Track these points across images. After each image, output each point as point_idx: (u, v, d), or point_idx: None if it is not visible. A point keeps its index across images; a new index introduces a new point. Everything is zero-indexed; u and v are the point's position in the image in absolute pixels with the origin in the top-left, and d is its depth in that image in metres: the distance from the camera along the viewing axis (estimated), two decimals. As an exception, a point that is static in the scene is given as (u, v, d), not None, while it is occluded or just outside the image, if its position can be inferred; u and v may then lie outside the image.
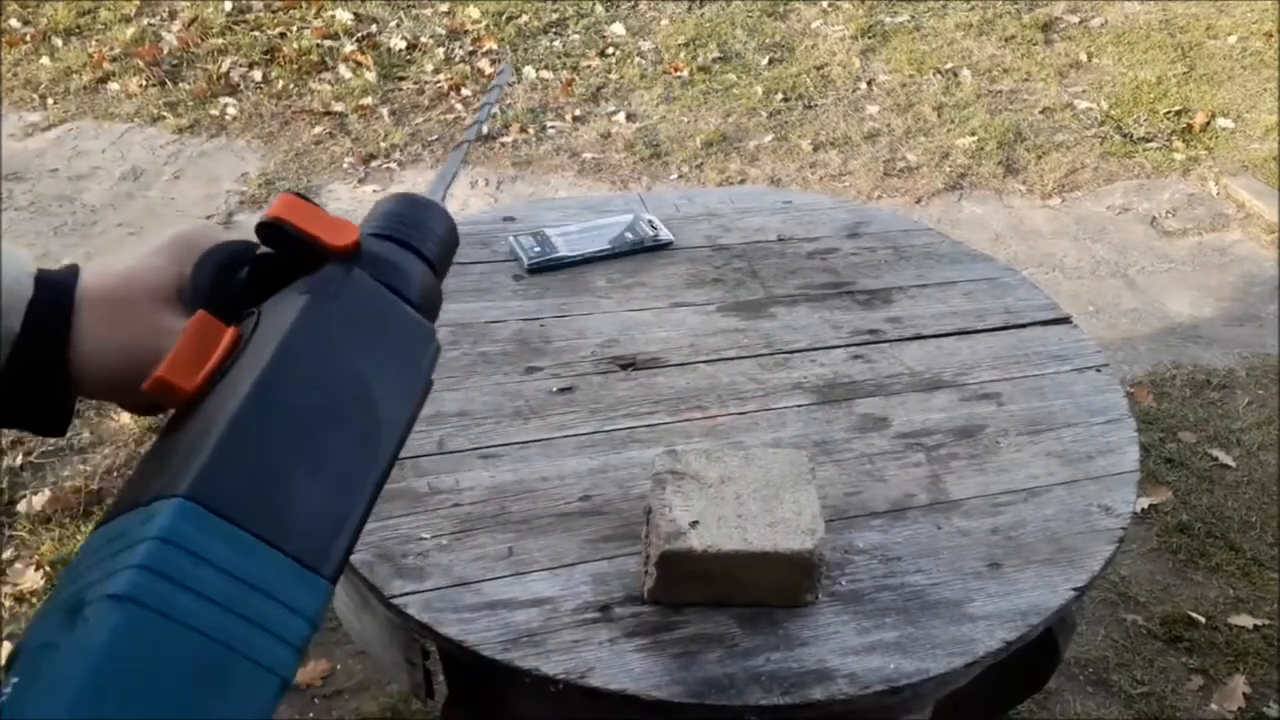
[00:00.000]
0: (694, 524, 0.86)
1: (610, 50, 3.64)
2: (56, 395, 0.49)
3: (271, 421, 0.41)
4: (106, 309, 0.49)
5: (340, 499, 0.42)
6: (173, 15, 3.69)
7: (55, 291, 0.48)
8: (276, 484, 0.40)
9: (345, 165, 3.02)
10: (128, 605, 0.34)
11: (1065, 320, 1.31)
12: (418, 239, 0.52)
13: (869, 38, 3.77)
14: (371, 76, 3.39)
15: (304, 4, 3.76)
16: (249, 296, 0.49)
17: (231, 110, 3.24)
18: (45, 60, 3.43)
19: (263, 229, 0.48)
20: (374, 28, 3.67)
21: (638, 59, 3.59)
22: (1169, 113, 3.42)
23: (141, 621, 0.34)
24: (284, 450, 0.41)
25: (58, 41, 3.52)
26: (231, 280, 0.51)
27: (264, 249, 0.50)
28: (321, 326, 0.45)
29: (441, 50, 3.57)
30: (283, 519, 0.39)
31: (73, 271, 0.50)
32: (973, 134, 3.26)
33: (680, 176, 3.04)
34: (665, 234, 1.39)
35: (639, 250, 1.37)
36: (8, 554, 1.81)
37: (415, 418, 0.48)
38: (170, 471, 0.39)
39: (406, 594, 0.88)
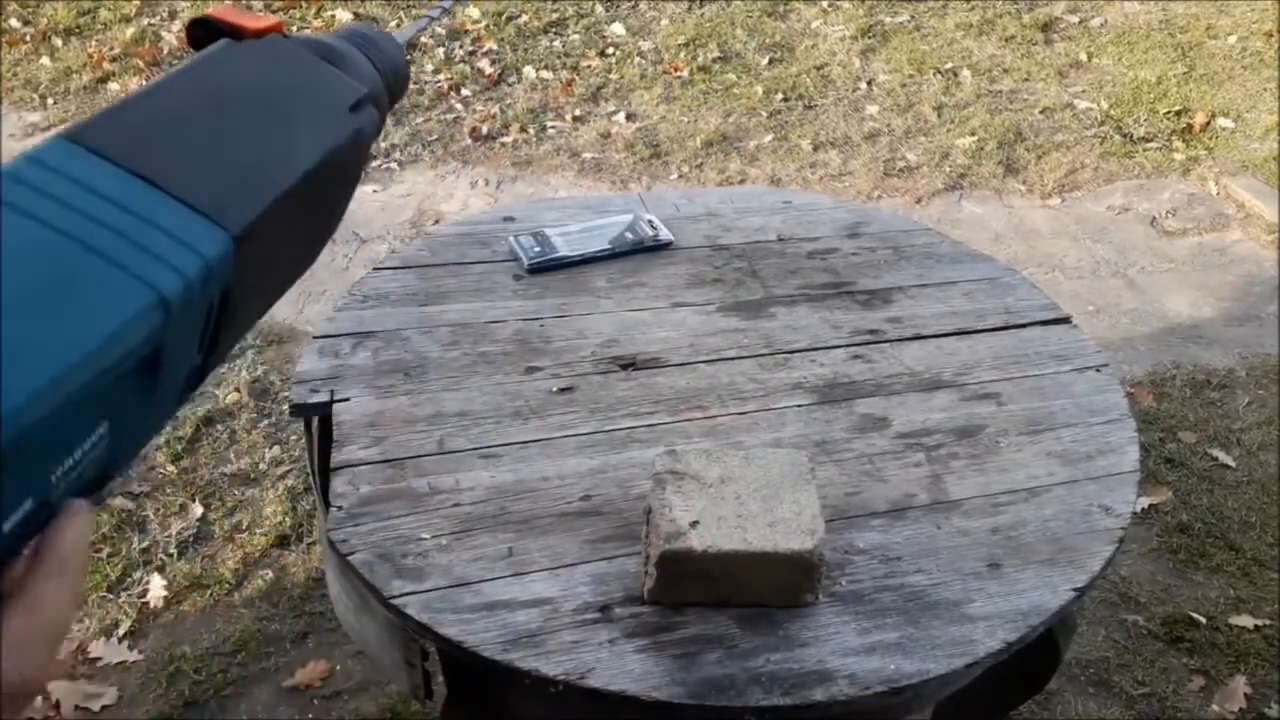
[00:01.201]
0: (694, 524, 0.86)
1: (610, 50, 3.64)
2: None
3: (180, 96, 0.41)
4: None
5: (247, 173, 0.41)
6: (173, 15, 3.69)
7: None
8: (177, 141, 0.39)
9: (345, 165, 3.02)
10: (5, 210, 0.33)
11: (1065, 320, 1.31)
12: (361, 41, 0.53)
13: (869, 38, 3.77)
14: (371, 76, 3.39)
15: (304, 4, 3.75)
16: None
17: (231, 110, 3.24)
18: (45, 60, 3.43)
19: (191, 27, 0.48)
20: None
21: (638, 59, 3.59)
22: (1169, 113, 3.42)
23: (19, 228, 0.32)
24: (191, 120, 0.41)
25: (58, 41, 3.52)
26: None
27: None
28: (241, 56, 0.46)
29: (441, 50, 3.57)
30: (176, 168, 0.38)
31: None
32: (973, 134, 3.26)
33: (680, 176, 3.04)
34: (665, 234, 1.39)
35: (639, 250, 1.37)
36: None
37: (349, 163, 0.48)
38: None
39: (406, 594, 0.88)
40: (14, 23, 3.60)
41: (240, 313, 0.42)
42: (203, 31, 0.48)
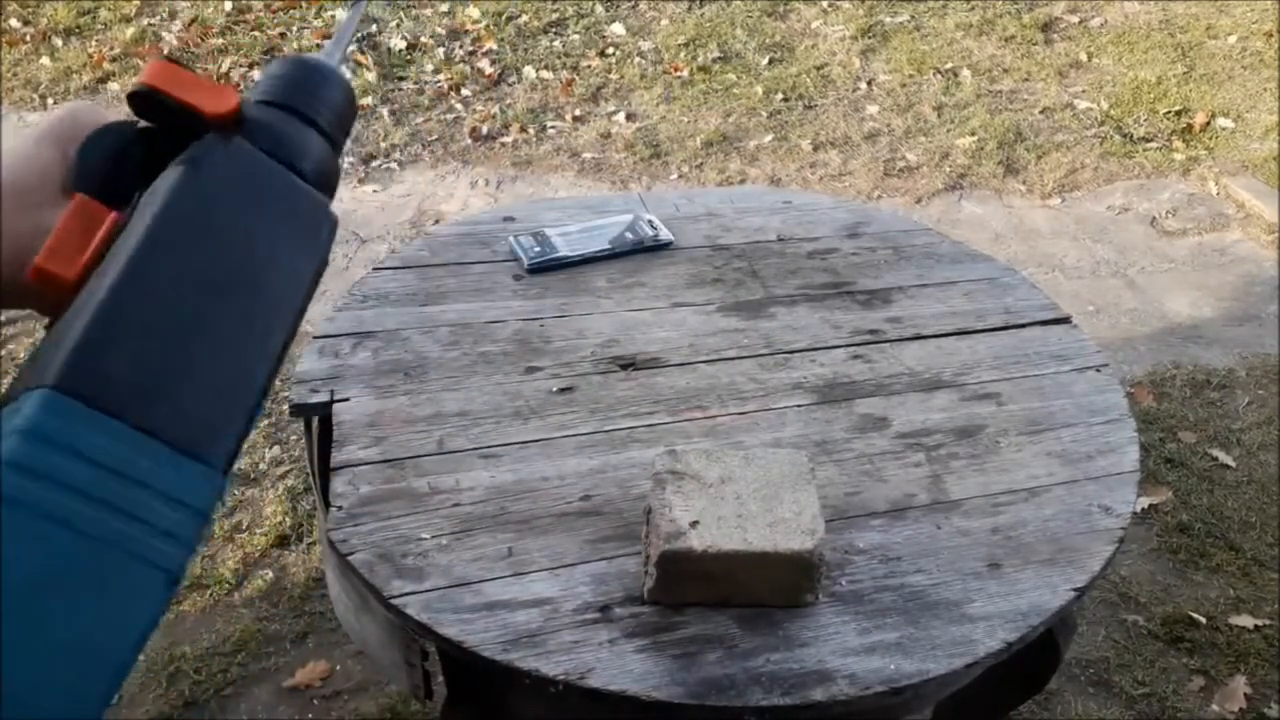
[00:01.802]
0: (694, 524, 0.86)
1: (610, 50, 3.64)
2: None
3: (146, 300, 0.39)
4: None
5: (228, 381, 0.40)
6: (173, 15, 3.69)
7: None
8: (154, 367, 0.38)
9: (345, 165, 3.02)
10: (5, 506, 0.33)
11: (1065, 320, 1.31)
12: (309, 105, 0.47)
13: (869, 38, 3.77)
14: (371, 76, 3.39)
15: (304, 4, 3.75)
16: (141, 181, 0.45)
17: (231, 110, 3.24)
18: (45, 60, 3.43)
19: (135, 99, 0.44)
20: (374, 28, 3.67)
21: (638, 59, 3.59)
22: (1169, 113, 3.42)
23: (19, 522, 0.33)
24: (162, 331, 0.38)
25: (58, 41, 3.52)
26: (122, 167, 0.47)
27: (143, 123, 0.46)
28: (199, 198, 0.42)
29: (441, 50, 3.57)
30: (163, 405, 0.37)
31: None
32: (973, 134, 3.26)
33: (680, 176, 3.04)
34: (665, 234, 1.39)
35: (639, 250, 1.37)
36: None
37: (310, 296, 0.45)
38: (42, 362, 0.37)
39: (406, 594, 0.88)
40: (14, 23, 3.60)
41: None
42: (148, 105, 0.44)
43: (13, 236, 0.44)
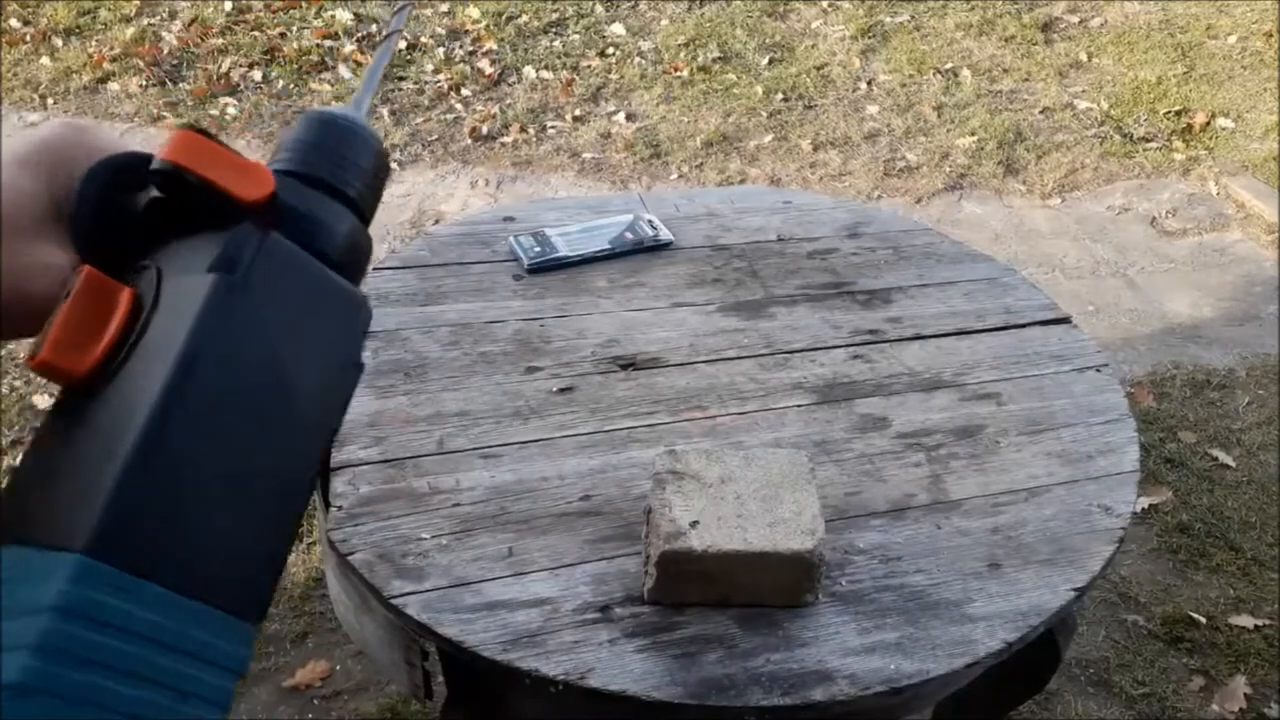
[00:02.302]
0: (694, 524, 0.86)
1: (610, 50, 3.64)
2: None
3: (180, 446, 0.35)
4: None
5: (264, 526, 0.37)
6: (173, 15, 3.69)
7: None
8: (188, 522, 0.35)
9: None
10: (30, 694, 0.30)
11: (1065, 320, 1.31)
12: (341, 177, 0.43)
13: (869, 38, 3.77)
14: (371, 76, 3.39)
15: (304, 4, 3.75)
16: (143, 229, 0.41)
17: (231, 110, 3.24)
18: (45, 60, 3.43)
19: (157, 177, 0.39)
20: (374, 28, 3.67)
21: (638, 59, 3.59)
22: (1169, 113, 3.42)
23: (43, 707, 0.30)
24: (196, 480, 0.35)
25: (58, 41, 3.52)
26: (122, 207, 0.42)
27: (155, 161, 0.41)
28: (233, 315, 0.37)
29: (441, 50, 3.57)
30: (198, 562, 0.34)
31: None
32: (973, 134, 3.26)
33: (680, 176, 3.04)
34: (665, 234, 1.39)
35: (639, 250, 1.37)
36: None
37: (346, 407, 0.42)
38: (66, 504, 0.34)
39: (406, 594, 0.88)
40: (14, 23, 3.60)
41: None
42: (172, 182, 0.39)
43: None
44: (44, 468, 0.37)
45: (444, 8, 3.81)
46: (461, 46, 3.62)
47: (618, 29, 3.75)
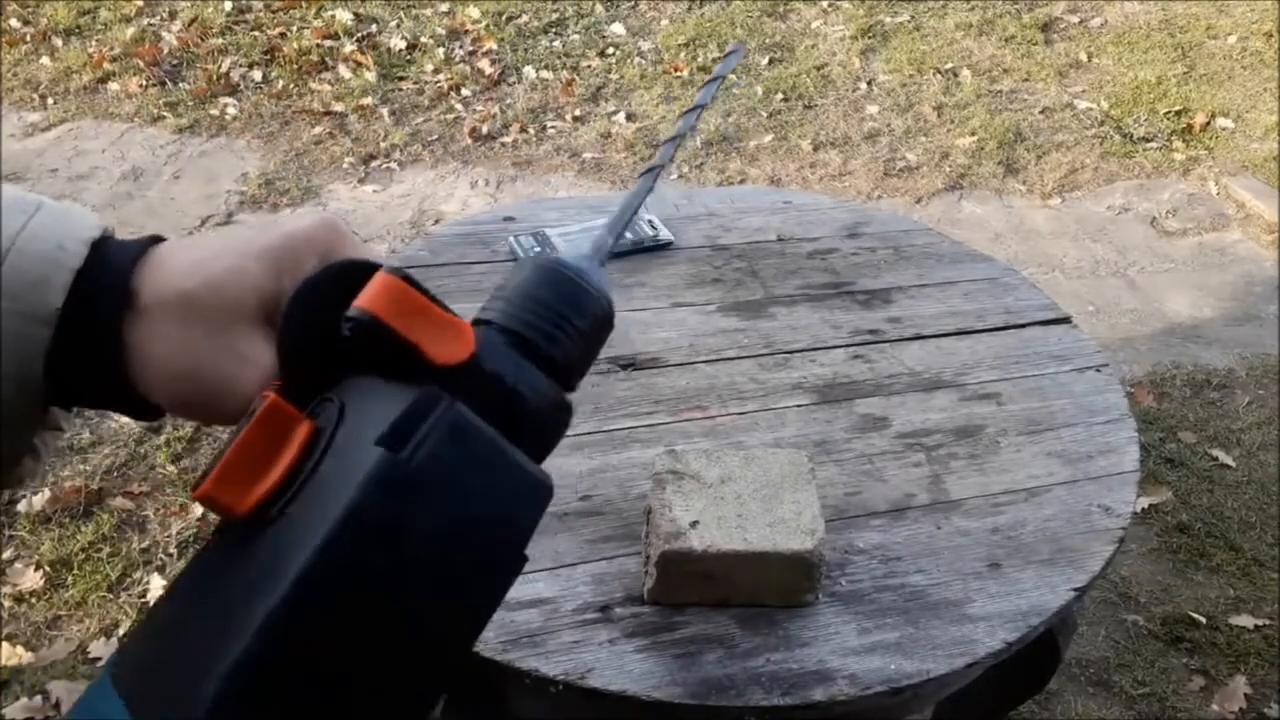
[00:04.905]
0: (694, 524, 0.86)
1: (610, 50, 3.64)
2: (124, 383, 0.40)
3: (310, 637, 0.32)
4: (176, 318, 0.39)
5: None
6: (173, 15, 3.69)
7: (114, 273, 0.39)
8: (307, 712, 0.33)
9: (345, 165, 3.02)
10: None
11: (1065, 320, 1.31)
12: (552, 338, 0.39)
13: (869, 38, 3.77)
14: (371, 76, 3.39)
15: (304, 4, 3.75)
16: (342, 348, 0.38)
17: (231, 110, 3.24)
18: (45, 60, 3.43)
19: (351, 325, 0.36)
20: (374, 28, 3.67)
21: (638, 59, 3.59)
22: (1169, 113, 3.42)
23: None
24: (325, 673, 0.33)
25: (58, 41, 3.52)
26: (326, 323, 0.38)
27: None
28: (395, 494, 0.33)
29: (441, 50, 3.57)
30: None
31: (142, 247, 0.40)
32: (973, 134, 3.26)
33: (680, 176, 3.04)
34: (665, 234, 1.39)
35: (639, 250, 1.37)
36: (8, 554, 1.81)
37: (497, 604, 0.38)
38: (175, 685, 0.32)
39: (406, 594, 0.88)
40: (14, 23, 3.60)
41: None
42: (370, 334, 0.36)
43: (189, 348, 0.39)
44: (193, 605, 0.35)
45: (444, 8, 3.81)
46: (461, 46, 3.62)
47: (618, 29, 3.76)
